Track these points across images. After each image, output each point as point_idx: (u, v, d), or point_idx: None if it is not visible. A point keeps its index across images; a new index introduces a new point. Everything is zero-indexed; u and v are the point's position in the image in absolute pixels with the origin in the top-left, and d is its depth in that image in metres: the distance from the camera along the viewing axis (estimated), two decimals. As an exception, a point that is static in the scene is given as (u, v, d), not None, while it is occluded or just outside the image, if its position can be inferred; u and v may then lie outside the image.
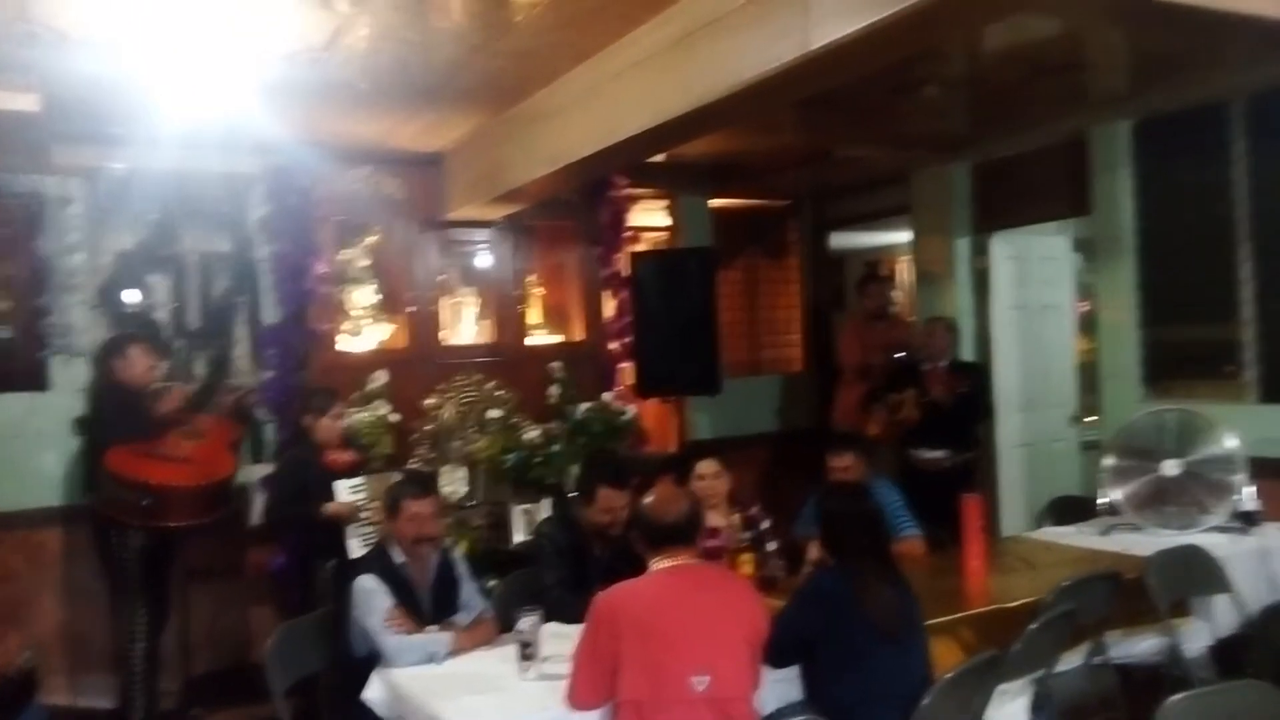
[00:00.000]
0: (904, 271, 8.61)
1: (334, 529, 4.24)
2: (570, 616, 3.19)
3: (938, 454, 5.36)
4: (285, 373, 5.06)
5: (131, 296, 4.96)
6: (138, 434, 4.29)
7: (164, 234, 5.01)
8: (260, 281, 5.16)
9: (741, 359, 7.35)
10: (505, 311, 5.71)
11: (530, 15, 3.44)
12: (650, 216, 6.90)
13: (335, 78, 3.92)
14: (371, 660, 3.07)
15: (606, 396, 5.64)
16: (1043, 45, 4.09)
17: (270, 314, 5.15)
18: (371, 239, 5.52)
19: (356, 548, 4.16)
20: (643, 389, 5.91)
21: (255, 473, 4.86)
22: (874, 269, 8.09)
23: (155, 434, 4.33)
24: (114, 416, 4.37)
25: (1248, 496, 4.20)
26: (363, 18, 3.37)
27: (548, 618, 3.06)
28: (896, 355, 5.92)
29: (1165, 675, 3.62)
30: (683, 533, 2.77)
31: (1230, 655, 3.77)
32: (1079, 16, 3.67)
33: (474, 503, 5.16)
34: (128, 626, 4.36)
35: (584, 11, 3.42)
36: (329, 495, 4.27)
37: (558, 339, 5.97)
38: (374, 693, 2.98)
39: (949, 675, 2.71)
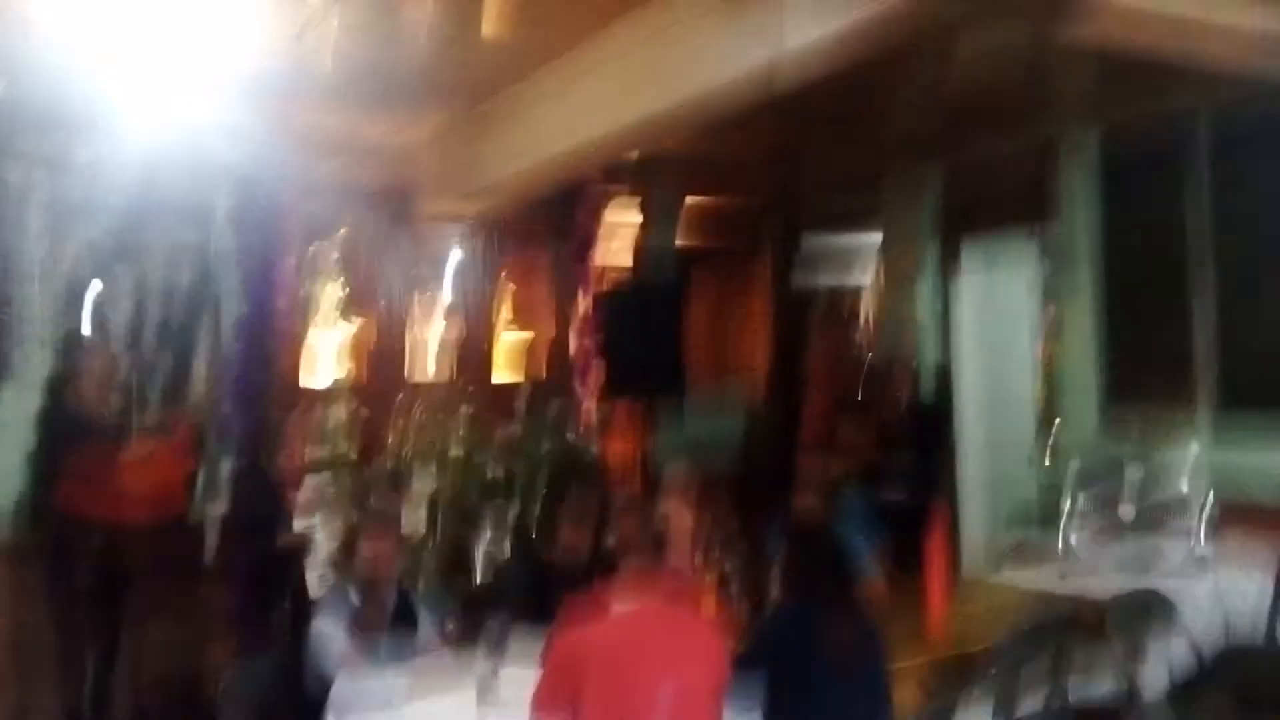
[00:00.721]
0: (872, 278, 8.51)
1: (290, 566, 4.16)
2: (530, 656, 3.14)
3: (900, 493, 5.38)
4: (251, 367, 4.95)
5: (96, 287, 4.84)
6: (87, 462, 4.16)
7: (129, 225, 4.90)
8: (227, 274, 5.06)
9: (709, 362, 7.21)
10: (473, 309, 5.62)
11: (503, 10, 3.43)
12: (624, 214, 6.83)
13: (307, 71, 3.88)
14: (327, 701, 3.00)
15: (570, 437, 5.61)
16: (1014, 53, 4.10)
17: (238, 308, 5.03)
18: (341, 233, 5.45)
19: (314, 586, 4.08)
20: (612, 390, 5.85)
21: (209, 509, 4.75)
22: (835, 306, 8.05)
23: (106, 462, 4.19)
24: (63, 450, 4.23)
25: (1204, 539, 4.25)
26: (334, 9, 3.36)
27: (507, 657, 3.00)
28: (865, 365, 5.92)
29: (1124, 718, 3.63)
30: (647, 573, 2.74)
31: (1187, 699, 3.79)
32: (1050, 24, 3.68)
33: (433, 542, 5.09)
34: (75, 668, 4.23)
35: (556, 8, 3.41)
36: (286, 528, 4.19)
37: (528, 335, 5.89)
38: (329, 736, 2.91)
39: (910, 718, 2.70)
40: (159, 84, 3.77)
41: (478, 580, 4.90)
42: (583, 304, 5.90)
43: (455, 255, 5.68)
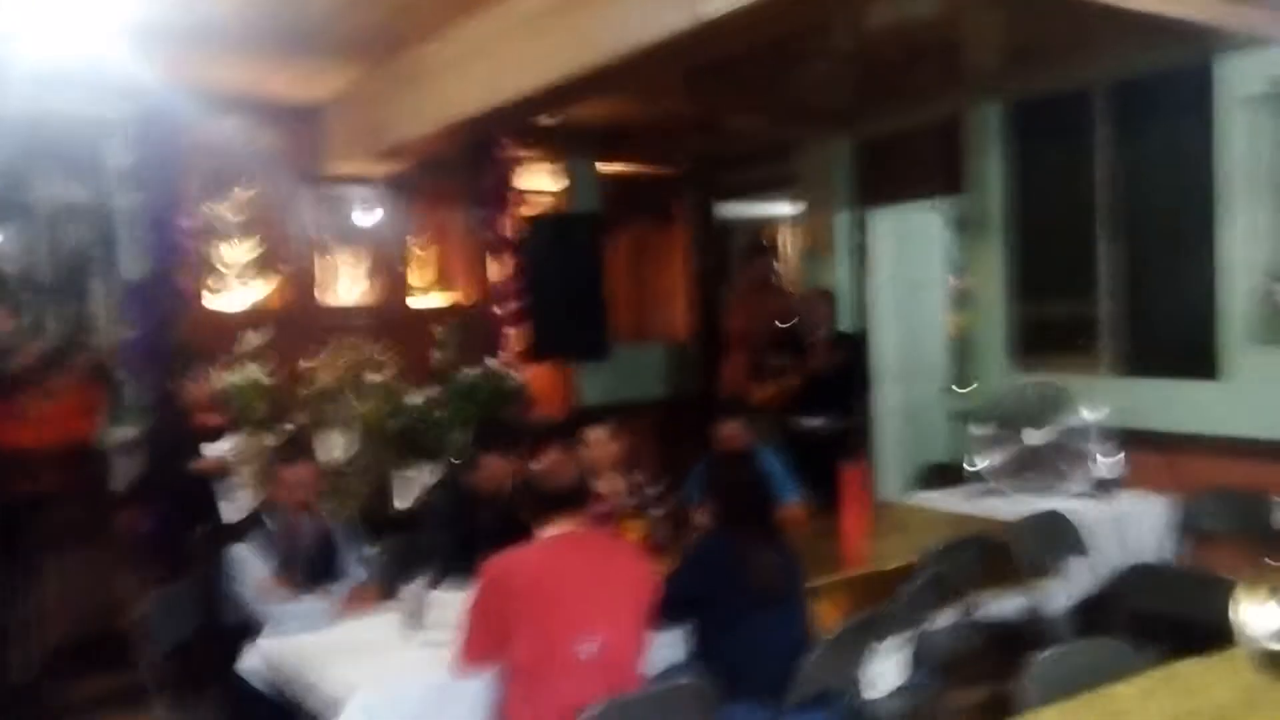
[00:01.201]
0: (788, 243, 8.75)
1: (205, 492, 4.06)
2: (457, 584, 3.15)
3: (818, 421, 5.48)
4: (149, 331, 4.79)
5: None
6: None
7: (12, 181, 4.66)
8: (121, 234, 4.86)
9: (629, 326, 7.36)
10: (387, 272, 5.54)
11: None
12: (539, 180, 6.81)
13: (205, 20, 3.71)
14: (246, 629, 2.96)
15: (492, 362, 5.55)
16: (923, 25, 4.20)
17: (132, 270, 4.86)
18: (246, 193, 5.26)
19: (229, 511, 3.99)
20: (533, 354, 5.84)
21: (118, 435, 4.60)
22: (758, 240, 8.19)
23: (7, 393, 4.04)
24: None
25: (1105, 465, 4.44)
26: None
27: (433, 583, 3.00)
28: (780, 325, 6.03)
29: (1027, 633, 3.81)
30: (571, 500, 2.75)
31: (1087, 614, 3.99)
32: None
33: (354, 468, 5.02)
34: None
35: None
36: (197, 458, 4.08)
37: (444, 300, 5.84)
38: (249, 663, 2.87)
39: (829, 635, 2.79)
40: (48, 34, 3.52)
41: (395, 506, 4.85)
42: (499, 269, 5.81)
43: (367, 217, 5.52)
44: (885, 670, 3.16)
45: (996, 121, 5.60)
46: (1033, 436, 4.55)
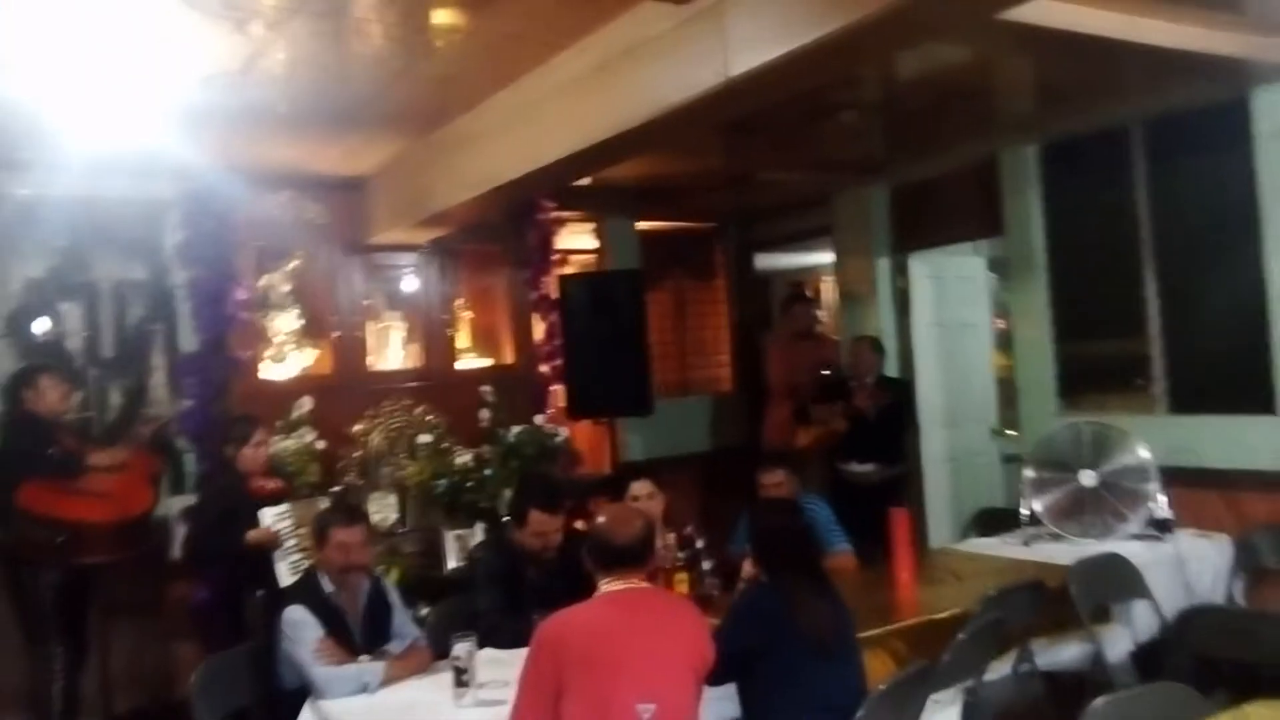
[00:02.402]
0: (828, 291, 8.76)
1: (260, 559, 4.13)
2: (506, 641, 3.16)
3: (866, 468, 5.45)
4: (205, 402, 4.94)
5: (42, 325, 4.79)
6: (50, 468, 4.13)
7: (75, 261, 4.86)
8: (177, 309, 5.04)
9: (671, 380, 7.40)
10: (433, 336, 5.65)
11: (451, 41, 3.44)
12: (577, 239, 6.93)
13: (252, 102, 3.86)
14: (302, 692, 2.99)
15: (538, 419, 5.61)
16: (953, 73, 4.24)
17: (188, 342, 5.03)
18: (293, 264, 5.42)
19: (285, 576, 4.05)
20: (574, 411, 5.90)
21: (176, 505, 4.71)
22: (799, 289, 8.22)
23: (70, 468, 4.16)
24: (25, 450, 4.19)
25: (1161, 505, 4.35)
26: (279, 42, 3.33)
27: (483, 643, 3.02)
28: (823, 372, 6.02)
29: (1089, 681, 3.71)
30: (636, 554, 2.71)
31: (1150, 659, 3.89)
32: (986, 44, 3.81)
33: (405, 529, 5.08)
34: (44, 666, 4.19)
35: (504, 38, 3.44)
36: (253, 523, 4.15)
37: (487, 363, 5.93)
38: (305, 726, 2.91)
39: (882, 687, 2.75)
40: (102, 118, 3.70)
41: (446, 566, 4.89)
42: (542, 329, 5.92)
43: (412, 283, 5.66)
44: (942, 722, 3.11)
45: (1033, 162, 5.59)
46: (1087, 478, 4.48)
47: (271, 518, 4.20)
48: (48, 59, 3.30)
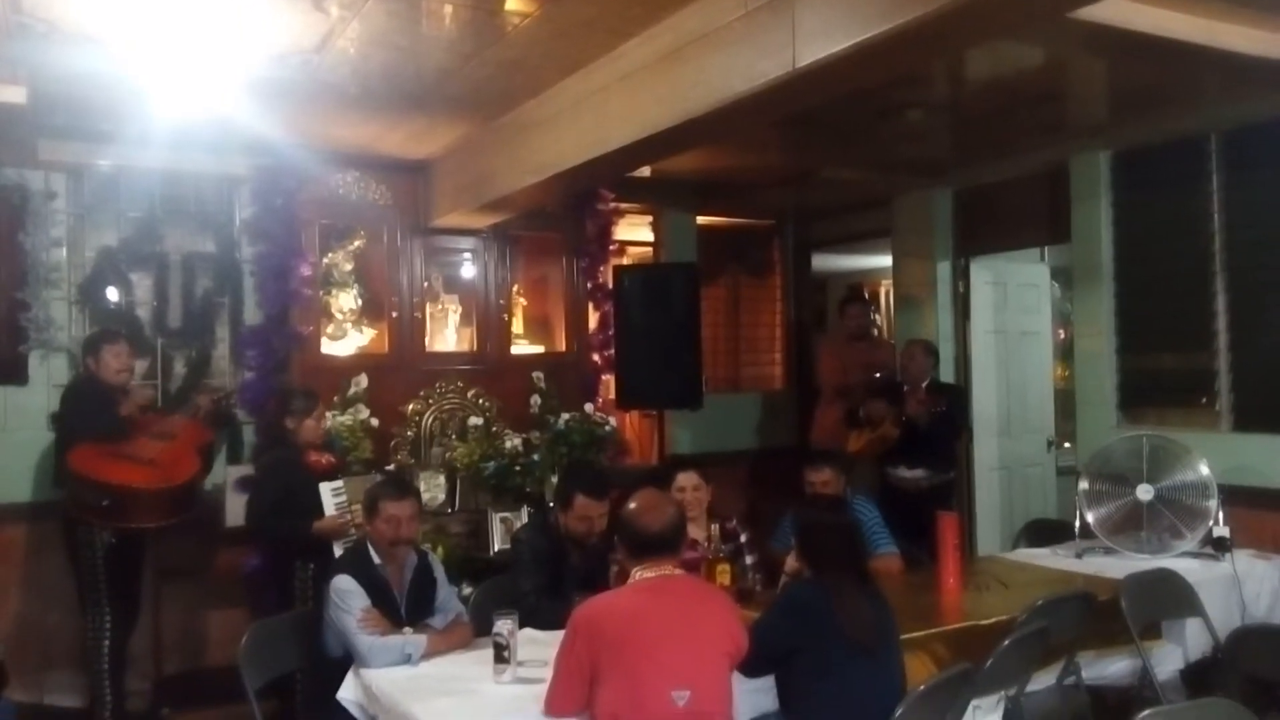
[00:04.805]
0: (885, 294, 8.69)
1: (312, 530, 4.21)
2: (546, 623, 3.19)
3: (916, 473, 5.40)
4: (265, 374, 5.05)
5: (113, 294, 4.95)
6: (106, 432, 4.23)
7: (148, 232, 5.00)
8: (243, 283, 5.16)
9: (722, 376, 7.40)
10: (489, 320, 5.71)
11: (521, 26, 3.48)
12: (635, 231, 6.94)
13: (325, 81, 3.93)
14: (346, 660, 3.06)
15: (588, 408, 5.64)
16: (1024, 75, 4.18)
17: (252, 315, 5.15)
18: (356, 244, 5.52)
19: (337, 549, 4.13)
20: (624, 402, 5.92)
21: (232, 474, 4.83)
22: (855, 290, 8.16)
23: (124, 433, 4.27)
24: (83, 413, 4.29)
25: (1220, 522, 4.25)
26: (354, 22, 3.39)
27: (524, 624, 3.06)
28: (876, 375, 5.97)
29: (1136, 697, 3.65)
30: (668, 542, 2.73)
31: (1200, 678, 3.80)
32: (1059, 44, 3.75)
33: (452, 509, 5.14)
34: (95, 625, 4.30)
35: (574, 24, 3.46)
36: (311, 496, 4.23)
37: (540, 350, 5.98)
38: (348, 693, 2.97)
39: (921, 688, 2.72)
40: (181, 93, 3.80)
41: (494, 548, 4.94)
42: (597, 318, 5.94)
43: (472, 267, 5.73)
44: (982, 728, 3.08)
45: (1104, 169, 5.47)
46: (1144, 492, 4.39)
47: (329, 494, 4.27)
48: (130, 34, 3.40)
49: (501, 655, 2.86)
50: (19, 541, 4.72)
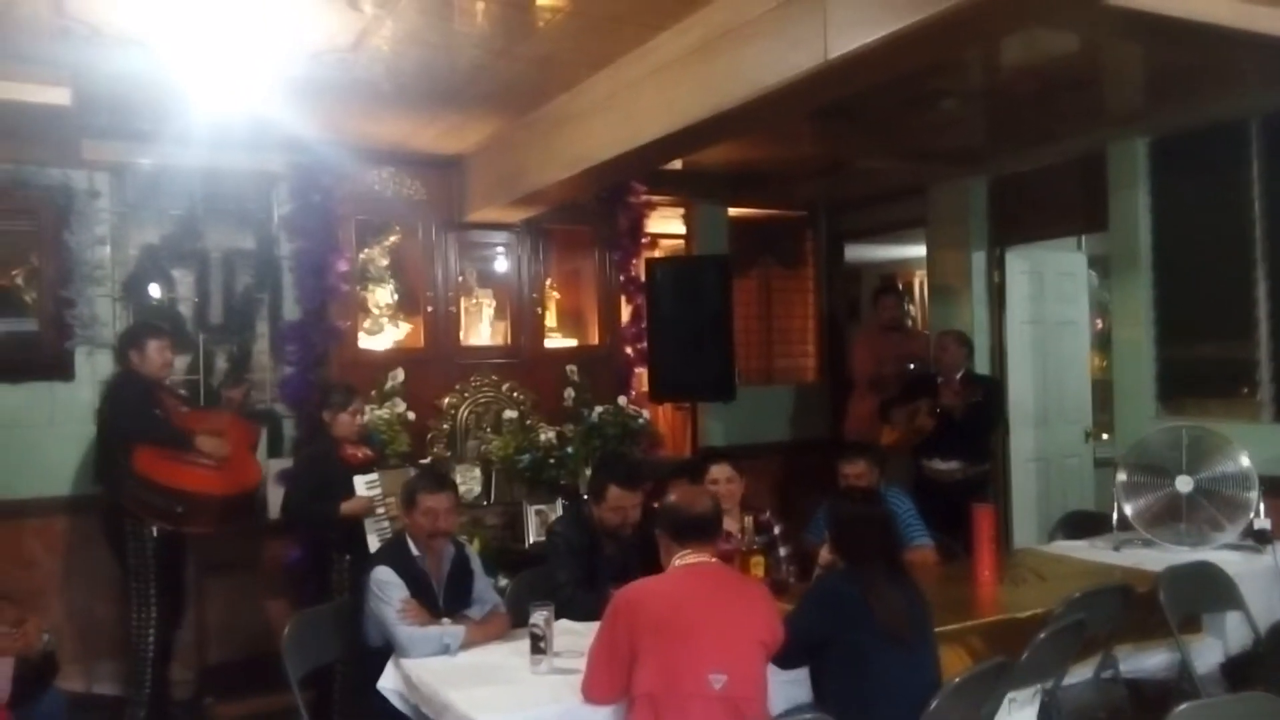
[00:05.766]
0: (919, 285, 8.62)
1: (351, 523, 4.27)
2: (582, 614, 3.23)
3: (951, 465, 5.37)
4: (304, 369, 5.12)
5: (155, 290, 5.03)
6: (162, 437, 4.29)
7: (189, 230, 5.08)
8: (282, 278, 5.23)
9: (755, 368, 7.39)
10: (522, 314, 5.74)
11: (552, 21, 3.50)
12: (667, 224, 6.95)
13: (360, 78, 3.97)
14: (386, 650, 3.11)
15: (621, 400, 5.67)
16: (1059, 61, 4.13)
17: (291, 311, 5.22)
18: (392, 239, 5.58)
19: (374, 542, 4.19)
20: (657, 394, 5.94)
21: (273, 467, 4.91)
22: (889, 281, 8.10)
23: (181, 442, 4.30)
24: (132, 411, 4.35)
25: (1262, 515, 4.19)
26: (388, 20, 3.43)
27: (559, 615, 3.09)
28: (910, 367, 5.94)
29: (1175, 690, 3.61)
30: (706, 527, 2.80)
31: (1241, 672, 3.76)
32: (1094, 30, 3.70)
33: (488, 502, 5.19)
34: (141, 618, 4.38)
35: (605, 18, 3.47)
36: (347, 490, 4.29)
37: (573, 343, 6.01)
38: (388, 682, 3.02)
39: (957, 679, 2.72)
40: (217, 91, 3.86)
41: (529, 540, 4.99)
42: (628, 312, 5.96)
43: (505, 261, 5.77)
44: (1018, 720, 3.07)
45: (1142, 156, 5.40)
46: (1183, 483, 4.33)
47: (363, 485, 4.33)
48: (170, 36, 3.46)
49: (538, 646, 2.89)
50: (65, 534, 4.83)
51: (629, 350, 5.95)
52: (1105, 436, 6.40)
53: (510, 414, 5.41)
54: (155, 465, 4.19)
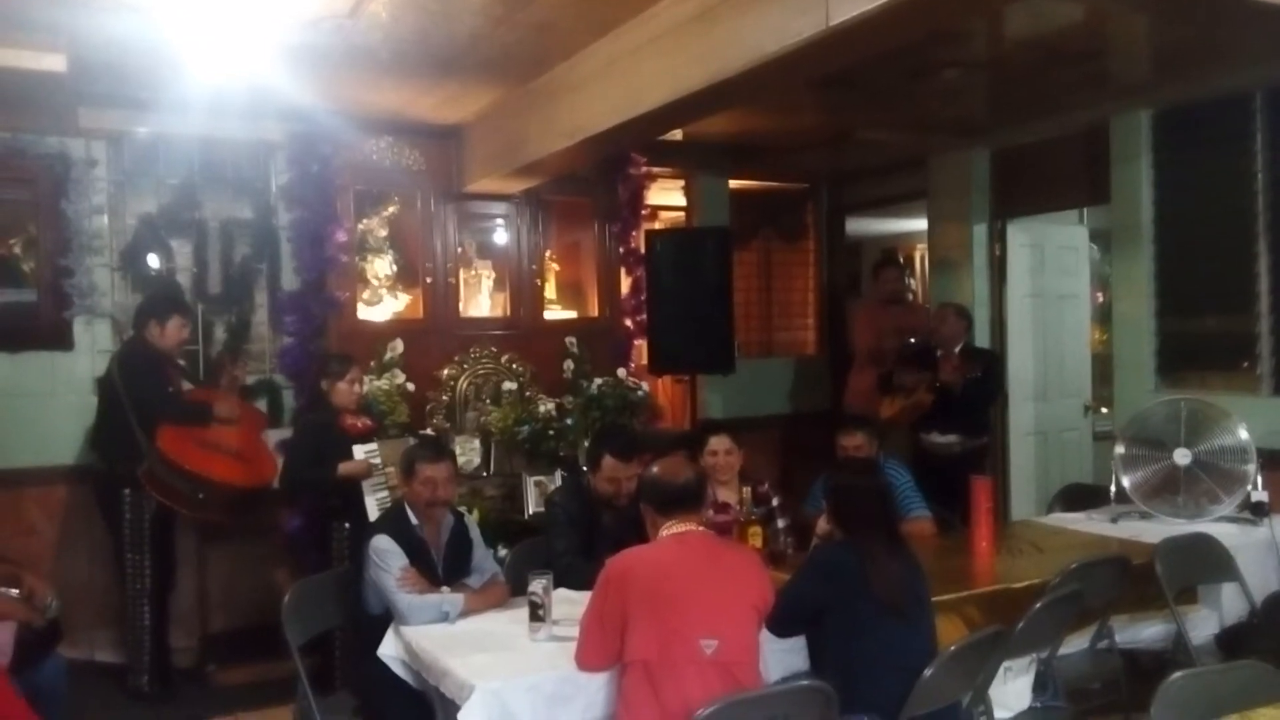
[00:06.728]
0: (920, 258, 8.60)
1: (350, 491, 4.28)
2: (580, 583, 3.24)
3: (949, 439, 5.38)
4: (303, 339, 5.11)
5: (153, 260, 5.01)
6: (184, 414, 4.31)
7: (187, 199, 5.06)
8: (280, 249, 5.21)
9: (755, 340, 7.39)
10: (522, 286, 5.73)
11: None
12: (667, 196, 6.92)
13: (358, 46, 3.94)
14: (386, 618, 3.12)
15: (621, 373, 5.66)
16: (1063, 32, 4.09)
17: (289, 281, 5.20)
18: (390, 209, 5.55)
19: (373, 509, 4.20)
20: (656, 366, 5.94)
21: (273, 437, 4.91)
22: (890, 254, 8.08)
23: (202, 417, 4.32)
24: (153, 384, 4.34)
25: (1259, 487, 4.20)
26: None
27: (558, 584, 3.10)
28: (910, 340, 5.94)
29: (1170, 661, 3.64)
30: (690, 498, 2.81)
31: (1236, 643, 3.78)
32: (1097, 1, 3.66)
33: (487, 473, 5.20)
34: (136, 586, 4.41)
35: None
36: (346, 458, 4.30)
37: (573, 315, 6.00)
38: (388, 649, 3.03)
39: (952, 649, 2.74)
40: (214, 58, 3.82)
41: (529, 511, 5.00)
42: (628, 284, 5.94)
43: (504, 232, 5.74)
44: (1012, 692, 3.09)
45: (1145, 128, 5.37)
46: (1181, 456, 4.35)
47: (361, 454, 4.34)
48: (166, 1, 3.42)
49: (536, 614, 2.91)
50: (64, 502, 4.84)
51: (628, 322, 5.94)
52: (1104, 410, 6.41)
53: (509, 386, 5.41)
54: (183, 449, 4.20)
